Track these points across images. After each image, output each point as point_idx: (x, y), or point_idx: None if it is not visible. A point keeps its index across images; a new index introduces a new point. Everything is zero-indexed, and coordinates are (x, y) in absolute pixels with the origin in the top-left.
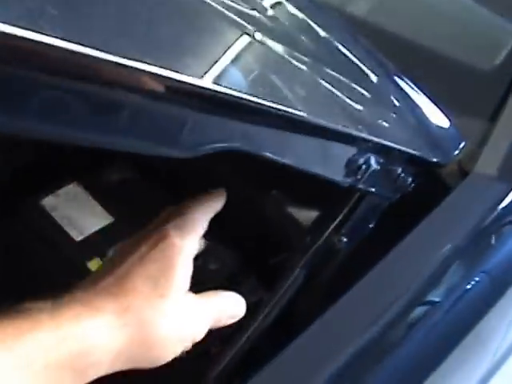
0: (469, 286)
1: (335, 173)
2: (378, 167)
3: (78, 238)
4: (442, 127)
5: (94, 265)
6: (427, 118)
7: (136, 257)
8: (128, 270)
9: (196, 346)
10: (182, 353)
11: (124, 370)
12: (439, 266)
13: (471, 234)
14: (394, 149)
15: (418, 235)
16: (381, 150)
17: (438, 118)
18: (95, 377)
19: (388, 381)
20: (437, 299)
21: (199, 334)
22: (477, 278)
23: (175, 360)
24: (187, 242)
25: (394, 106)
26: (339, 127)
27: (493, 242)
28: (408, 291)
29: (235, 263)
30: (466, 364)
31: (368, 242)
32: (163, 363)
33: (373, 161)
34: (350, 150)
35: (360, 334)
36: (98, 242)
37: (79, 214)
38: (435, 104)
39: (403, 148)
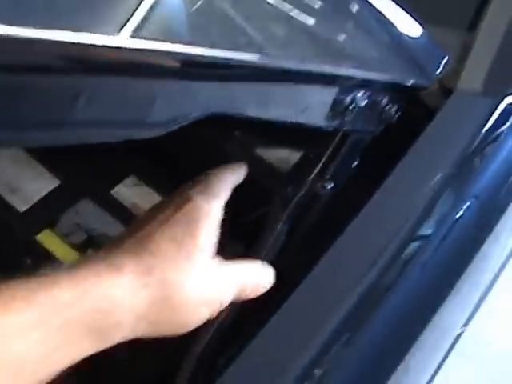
0: (460, 214)
1: (320, 119)
2: (365, 103)
3: (23, 208)
4: (420, 43)
5: (44, 238)
6: (406, 37)
7: (160, 219)
8: (152, 232)
9: None
10: (209, 320)
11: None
12: (430, 197)
13: (460, 158)
14: (379, 80)
15: (404, 167)
16: (366, 84)
17: (414, 31)
18: (116, 341)
19: (390, 323)
20: (430, 232)
21: (225, 300)
22: (467, 203)
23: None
24: (213, 206)
25: (370, 30)
26: (317, 66)
27: (479, 162)
28: (401, 228)
29: None
30: (467, 295)
31: (352, 182)
32: (188, 329)
33: (359, 98)
34: (333, 91)
35: (356, 279)
36: (45, 210)
37: (22, 179)
38: (411, 16)
39: (388, 76)
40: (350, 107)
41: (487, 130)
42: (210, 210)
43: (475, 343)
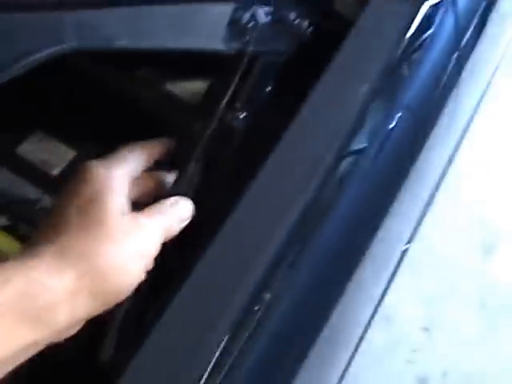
0: (392, 125)
1: (217, 41)
2: (267, 19)
3: None
4: None
5: None
6: None
7: (63, 194)
8: (59, 210)
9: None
10: (148, 274)
11: None
12: (359, 110)
13: (385, 67)
14: None
15: (327, 82)
16: None
17: None
18: (61, 324)
19: (336, 241)
20: (364, 145)
21: (153, 248)
22: (399, 114)
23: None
24: (113, 170)
25: None
26: None
27: (407, 71)
28: (332, 144)
29: None
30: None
31: (268, 108)
32: (130, 290)
33: (260, 13)
34: (227, 8)
35: (294, 200)
36: None
37: None
38: None
39: None
40: (249, 25)
41: (411, 37)
42: (111, 173)
43: (423, 256)
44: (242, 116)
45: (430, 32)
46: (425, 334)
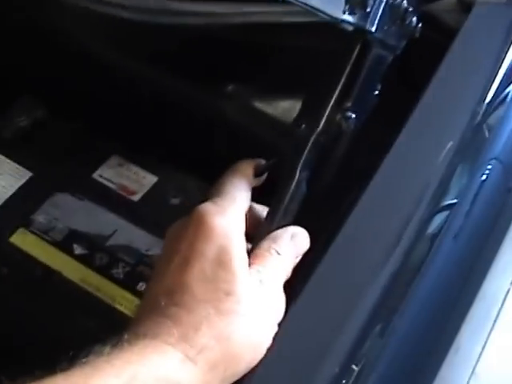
0: (483, 177)
1: (337, 8)
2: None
3: None
4: None
5: (19, 238)
6: None
7: (178, 259)
8: (178, 279)
9: None
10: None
11: None
12: (450, 152)
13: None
14: None
15: (424, 111)
16: None
17: None
18: None
19: (431, 304)
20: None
21: (282, 299)
22: (489, 166)
23: None
24: (231, 219)
25: None
26: None
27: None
28: (423, 199)
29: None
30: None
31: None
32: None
33: None
34: None
35: (383, 261)
36: (17, 208)
37: None
38: None
39: None
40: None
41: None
42: (229, 224)
43: None
44: (352, 117)
45: None
46: None
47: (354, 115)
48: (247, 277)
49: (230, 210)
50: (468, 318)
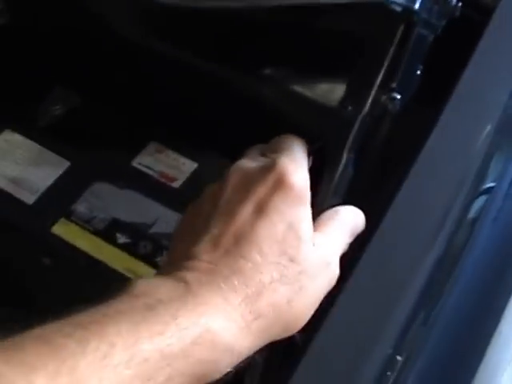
0: None
1: None
2: None
3: (31, 200)
4: None
5: (61, 229)
6: None
7: (252, 204)
8: (246, 225)
9: None
10: None
11: None
12: (487, 140)
13: None
14: None
15: (462, 94)
16: None
17: None
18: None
19: (472, 292)
20: (492, 183)
21: (334, 279)
22: None
23: None
24: (305, 178)
25: None
26: None
27: None
28: (463, 181)
29: None
30: None
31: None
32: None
33: None
34: None
35: (426, 247)
36: (57, 198)
37: (24, 168)
38: None
39: None
40: None
41: None
42: (306, 186)
43: None
44: (398, 97)
45: None
46: None
47: (399, 96)
48: (311, 246)
49: (304, 170)
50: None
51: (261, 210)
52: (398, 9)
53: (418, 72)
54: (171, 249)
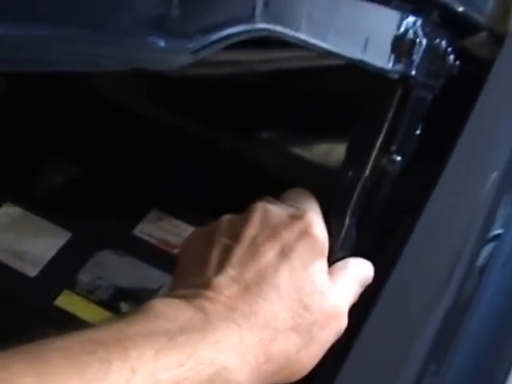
0: None
1: (384, 57)
2: (426, 40)
3: (33, 272)
4: None
5: (65, 301)
6: None
7: (277, 245)
8: (268, 265)
9: None
10: None
11: None
12: (494, 183)
13: None
14: (441, 5)
15: (465, 145)
16: (425, 11)
17: None
18: None
19: (483, 340)
20: (499, 231)
21: (343, 328)
22: None
23: None
24: (325, 231)
25: None
26: None
27: None
28: (472, 230)
29: None
30: None
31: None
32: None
33: (420, 31)
34: (397, 18)
35: (436, 294)
36: (60, 269)
37: (25, 241)
38: None
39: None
40: (416, 43)
41: None
42: (326, 239)
43: None
44: (398, 160)
45: None
46: None
47: (399, 158)
48: (325, 297)
49: (324, 225)
50: None
51: (285, 255)
52: (396, 76)
53: (418, 131)
54: (182, 268)
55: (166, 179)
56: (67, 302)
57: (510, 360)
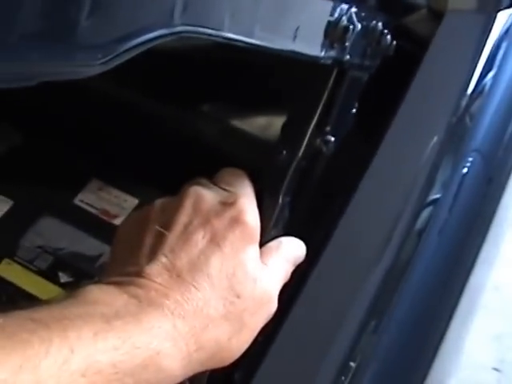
0: (465, 170)
1: (317, 45)
2: (361, 25)
3: None
4: None
5: (4, 268)
6: None
7: (207, 233)
8: (199, 253)
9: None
10: None
11: None
12: (433, 150)
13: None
14: None
15: (403, 118)
16: None
17: None
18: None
19: (420, 300)
20: (438, 195)
21: (276, 295)
22: (470, 159)
23: None
24: (257, 216)
25: None
26: None
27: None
28: (411, 195)
29: None
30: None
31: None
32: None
33: (354, 17)
34: (330, 5)
35: (375, 259)
36: (1, 238)
37: None
38: None
39: None
40: (349, 29)
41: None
42: (257, 224)
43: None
44: (332, 140)
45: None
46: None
47: (333, 138)
48: (257, 283)
49: (256, 210)
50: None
51: (215, 242)
52: (329, 61)
53: (353, 110)
54: (117, 254)
55: (106, 149)
56: (7, 270)
57: (444, 322)
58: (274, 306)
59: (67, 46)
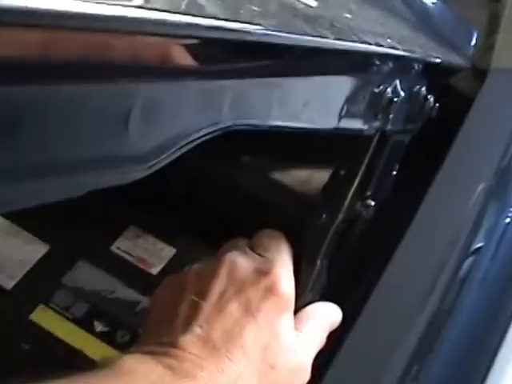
0: (507, 220)
1: (360, 120)
2: (405, 94)
3: (9, 284)
4: (448, 19)
5: (40, 316)
6: (434, 13)
7: (240, 304)
8: (230, 322)
9: None
10: None
11: None
12: (477, 202)
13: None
14: (419, 60)
15: (447, 174)
16: (404, 68)
17: (440, 9)
18: None
19: (460, 350)
20: (482, 243)
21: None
22: None
23: None
24: (292, 284)
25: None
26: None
27: None
28: (455, 245)
29: None
30: None
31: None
32: None
33: (398, 86)
34: (374, 79)
35: (417, 308)
36: (36, 283)
37: (2, 252)
38: None
39: (424, 55)
40: (394, 101)
41: None
42: (292, 294)
43: None
44: (372, 204)
45: None
46: None
47: (373, 202)
48: (291, 353)
49: (292, 278)
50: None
51: (250, 313)
52: (372, 132)
53: (394, 172)
54: (152, 320)
55: (145, 197)
56: (42, 317)
57: (484, 370)
58: (307, 374)
59: (117, 157)
